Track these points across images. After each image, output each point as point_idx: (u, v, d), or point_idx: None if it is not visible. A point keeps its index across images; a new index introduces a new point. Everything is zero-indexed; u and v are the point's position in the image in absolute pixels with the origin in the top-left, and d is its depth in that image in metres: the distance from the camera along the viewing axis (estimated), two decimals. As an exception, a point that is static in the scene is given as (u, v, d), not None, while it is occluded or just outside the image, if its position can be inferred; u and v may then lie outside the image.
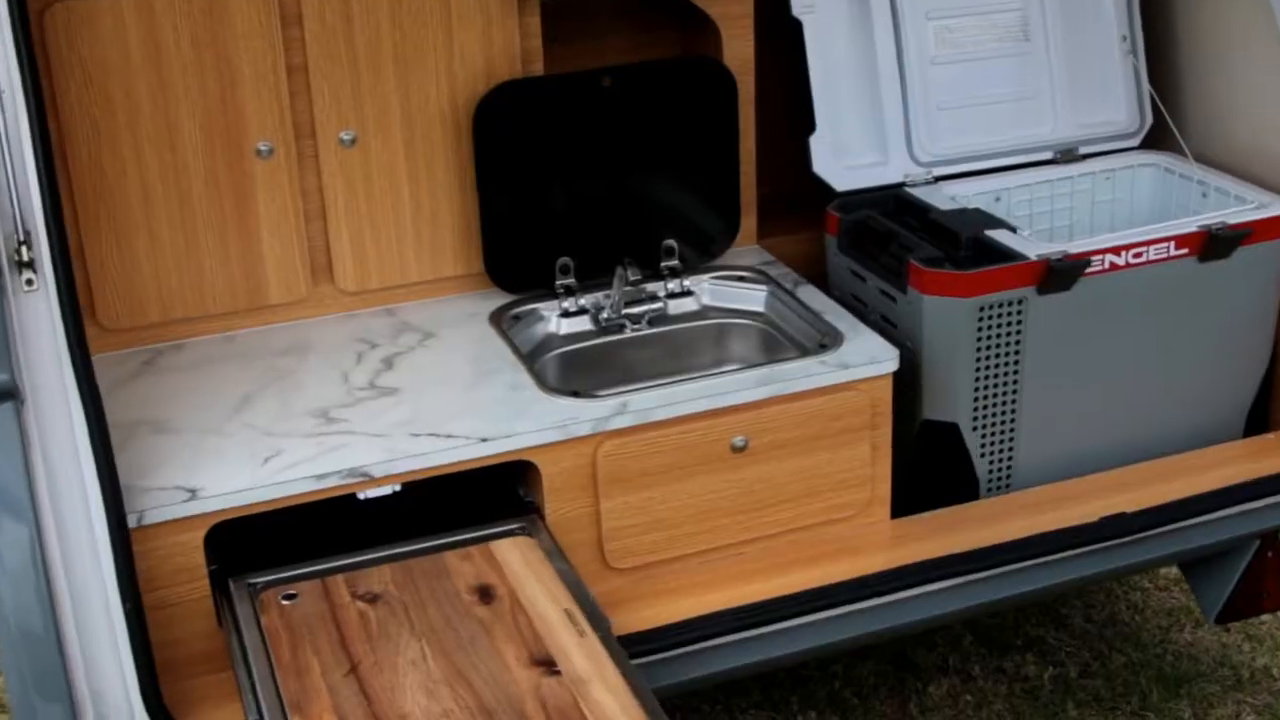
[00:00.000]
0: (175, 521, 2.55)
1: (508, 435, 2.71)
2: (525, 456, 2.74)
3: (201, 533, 2.57)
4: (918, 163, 3.51)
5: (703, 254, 3.39)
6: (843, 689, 3.76)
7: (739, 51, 3.36)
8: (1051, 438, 3.18)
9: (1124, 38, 3.63)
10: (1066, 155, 3.61)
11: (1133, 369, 3.20)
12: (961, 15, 3.53)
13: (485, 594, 2.44)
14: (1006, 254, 3.06)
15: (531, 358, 3.14)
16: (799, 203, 3.58)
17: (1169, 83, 3.65)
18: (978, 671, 3.81)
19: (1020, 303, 3.03)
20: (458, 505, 2.78)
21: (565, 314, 3.25)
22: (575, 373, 3.21)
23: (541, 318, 3.26)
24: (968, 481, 3.16)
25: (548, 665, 2.25)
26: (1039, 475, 3.19)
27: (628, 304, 3.25)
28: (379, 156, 3.15)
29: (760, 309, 3.31)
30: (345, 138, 3.11)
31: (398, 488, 2.67)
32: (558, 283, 3.27)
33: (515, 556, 2.55)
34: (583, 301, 3.26)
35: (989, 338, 3.04)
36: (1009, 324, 3.05)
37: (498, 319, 3.19)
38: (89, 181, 2.97)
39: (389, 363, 3.02)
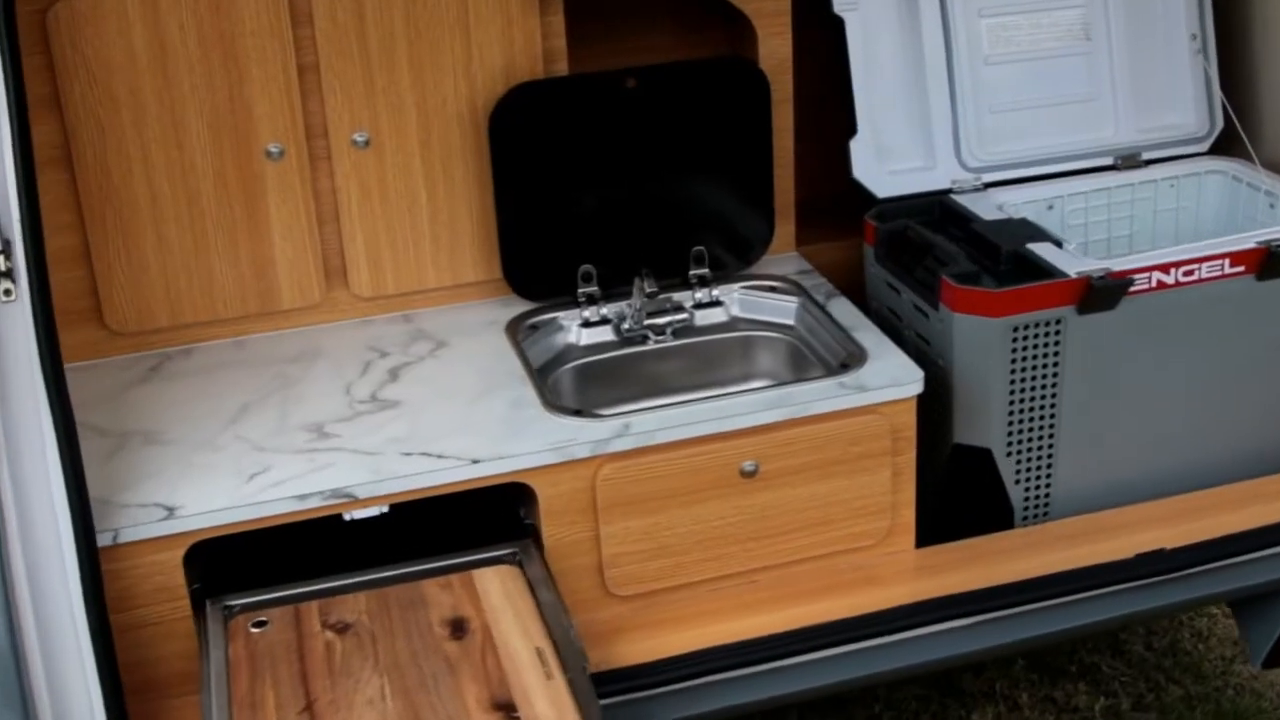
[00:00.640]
0: (152, 540, 2.48)
1: (500, 457, 2.60)
2: (520, 479, 2.62)
3: (179, 552, 2.50)
4: (966, 168, 3.33)
5: (737, 261, 3.24)
6: (883, 713, 3.61)
7: (775, 50, 3.20)
8: (1092, 465, 3.00)
9: (1194, 36, 3.41)
10: (1128, 161, 3.41)
11: (1182, 394, 3.00)
12: (1017, 13, 3.34)
13: (458, 628, 2.33)
14: (1046, 270, 2.88)
15: (548, 369, 3.03)
16: (844, 207, 3.41)
17: (1240, 85, 3.42)
18: (1025, 700, 3.63)
19: (1058, 323, 2.85)
20: (457, 526, 2.67)
21: (586, 324, 3.13)
22: (593, 385, 3.09)
23: (561, 327, 3.14)
24: (1002, 509, 2.99)
25: (508, 710, 2.14)
26: (1078, 504, 3.01)
27: (652, 314, 3.11)
28: (394, 159, 3.05)
29: (790, 322, 3.16)
30: (359, 139, 3.01)
31: (385, 509, 2.58)
32: (580, 291, 3.14)
33: (495, 587, 2.44)
34: (605, 311, 3.14)
35: (1024, 359, 2.87)
36: (1046, 345, 2.86)
37: (514, 329, 3.07)
38: (95, 183, 2.90)
39: (395, 374, 2.92)
